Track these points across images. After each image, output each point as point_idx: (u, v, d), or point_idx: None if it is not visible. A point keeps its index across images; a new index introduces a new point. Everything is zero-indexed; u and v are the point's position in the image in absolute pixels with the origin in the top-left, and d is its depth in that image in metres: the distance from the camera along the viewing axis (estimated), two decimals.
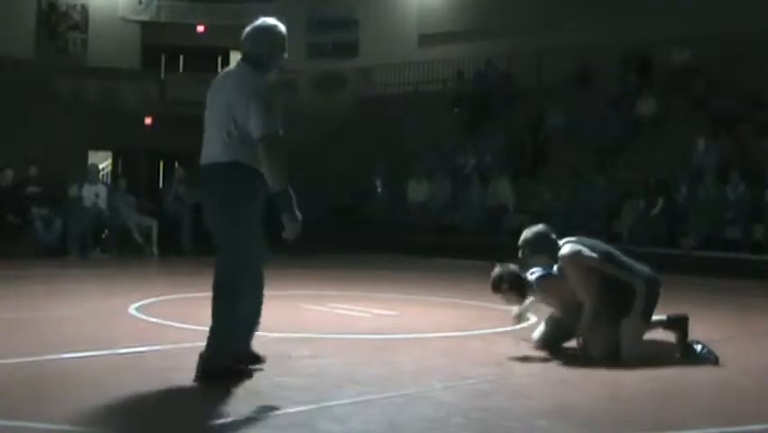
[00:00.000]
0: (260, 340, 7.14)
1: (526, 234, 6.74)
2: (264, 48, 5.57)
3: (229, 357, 5.41)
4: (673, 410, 5.10)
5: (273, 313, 9.06)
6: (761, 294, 12.01)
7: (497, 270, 6.70)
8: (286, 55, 5.68)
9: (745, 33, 18.59)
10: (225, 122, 5.38)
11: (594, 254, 6.43)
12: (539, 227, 6.78)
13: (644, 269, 6.54)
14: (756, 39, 18.62)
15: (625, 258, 6.60)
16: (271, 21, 5.66)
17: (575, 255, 6.39)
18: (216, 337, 5.36)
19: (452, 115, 23.18)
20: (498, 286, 6.64)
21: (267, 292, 5.64)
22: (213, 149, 5.44)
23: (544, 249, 6.60)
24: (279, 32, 5.63)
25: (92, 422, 4.46)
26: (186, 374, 5.59)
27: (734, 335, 8.25)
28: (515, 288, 6.63)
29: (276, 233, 5.29)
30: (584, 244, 6.53)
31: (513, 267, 6.69)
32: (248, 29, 5.65)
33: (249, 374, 5.44)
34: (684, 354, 6.39)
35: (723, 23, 19.09)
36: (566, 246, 6.50)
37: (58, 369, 5.75)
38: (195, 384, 5.29)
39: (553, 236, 6.68)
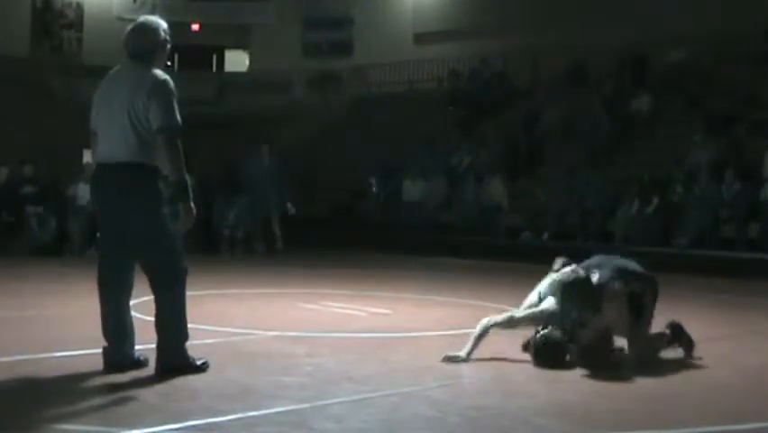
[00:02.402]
0: (256, 338, 7.15)
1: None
2: (149, 43, 5.77)
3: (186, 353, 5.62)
4: (670, 409, 5.09)
5: (269, 311, 9.09)
6: (756, 292, 12.01)
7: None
8: (168, 47, 5.93)
9: (739, 32, 18.61)
10: (126, 121, 5.51)
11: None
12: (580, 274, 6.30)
13: (642, 271, 6.51)
14: (751, 38, 18.64)
15: (629, 263, 6.52)
16: (152, 18, 6.04)
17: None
18: (179, 332, 5.60)
19: (447, 114, 23.19)
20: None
21: (263, 290, 5.64)
22: (116, 148, 5.56)
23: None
24: (162, 27, 5.91)
25: (88, 421, 4.46)
26: (180, 372, 5.59)
27: (730, 333, 8.26)
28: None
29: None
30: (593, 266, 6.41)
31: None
32: (129, 27, 5.89)
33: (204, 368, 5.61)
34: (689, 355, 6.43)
35: (718, 22, 19.12)
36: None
37: (53, 367, 5.74)
38: (190, 381, 5.28)
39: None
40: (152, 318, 5.52)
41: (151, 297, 5.64)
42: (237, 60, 29.41)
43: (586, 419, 4.77)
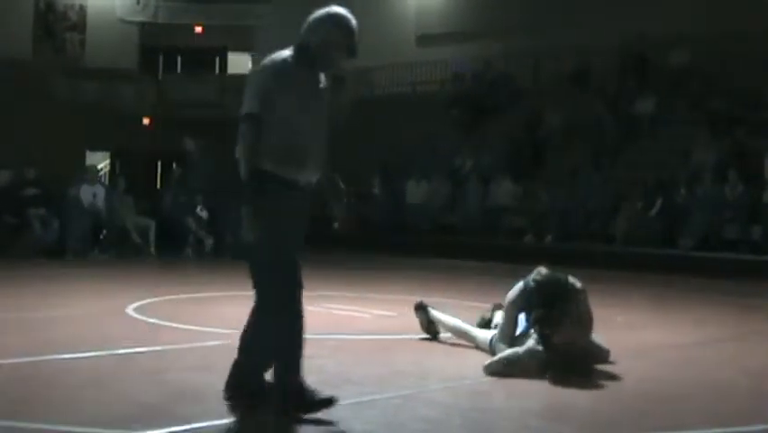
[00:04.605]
0: None
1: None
2: (312, 37, 4.84)
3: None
4: (672, 411, 5.09)
5: None
6: (759, 294, 12.00)
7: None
8: (346, 55, 4.95)
9: (742, 33, 18.57)
10: None
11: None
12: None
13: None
14: (754, 39, 18.61)
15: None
16: (335, 9, 4.94)
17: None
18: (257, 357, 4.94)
19: (450, 116, 23.17)
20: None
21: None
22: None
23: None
24: (334, 21, 4.89)
25: (90, 422, 4.45)
26: (183, 374, 5.59)
27: (733, 335, 8.25)
28: None
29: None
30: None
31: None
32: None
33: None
34: None
35: (721, 24, 19.08)
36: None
37: (55, 369, 5.74)
38: (191, 385, 5.28)
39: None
40: (155, 321, 5.51)
41: (150, 299, 5.63)
42: (240, 62, 29.38)
43: (589, 422, 4.77)
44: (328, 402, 4.62)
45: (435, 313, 7.18)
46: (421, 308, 7.23)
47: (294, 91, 4.68)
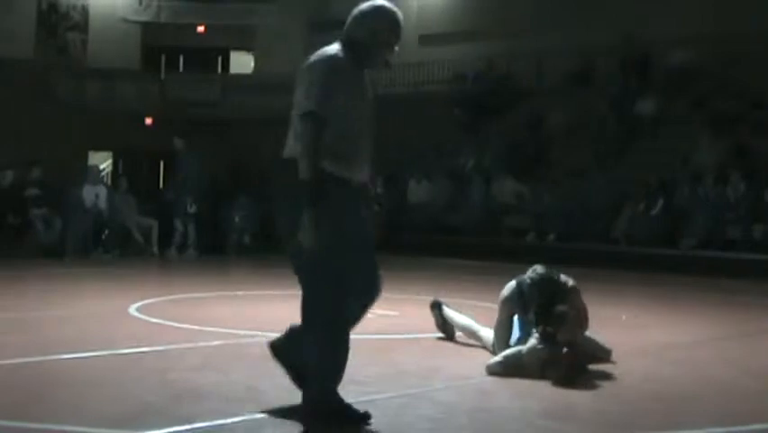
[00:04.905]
0: (262, 340, 7.14)
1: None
2: (360, 32, 4.63)
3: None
4: (674, 411, 5.09)
5: (275, 313, 9.07)
6: (761, 294, 12.01)
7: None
8: (396, 48, 4.72)
9: (744, 33, 18.57)
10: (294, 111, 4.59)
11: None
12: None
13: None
14: (756, 39, 18.60)
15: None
16: (380, 1, 4.72)
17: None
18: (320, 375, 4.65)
19: (453, 116, 23.16)
20: None
21: (269, 292, 5.62)
22: (287, 144, 4.64)
23: None
24: (382, 14, 4.69)
25: (92, 423, 4.45)
26: (185, 374, 5.59)
27: (735, 334, 8.25)
28: None
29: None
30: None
31: None
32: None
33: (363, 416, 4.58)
34: None
35: (723, 23, 19.08)
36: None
37: (58, 369, 5.74)
38: (194, 384, 5.28)
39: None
40: (157, 321, 5.51)
41: (152, 299, 5.63)
42: (242, 62, 29.40)
43: (593, 421, 4.76)
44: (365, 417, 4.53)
45: (448, 311, 7.15)
46: (436, 307, 7.21)
47: (348, 89, 4.52)
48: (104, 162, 26.25)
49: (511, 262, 15.75)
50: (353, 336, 4.61)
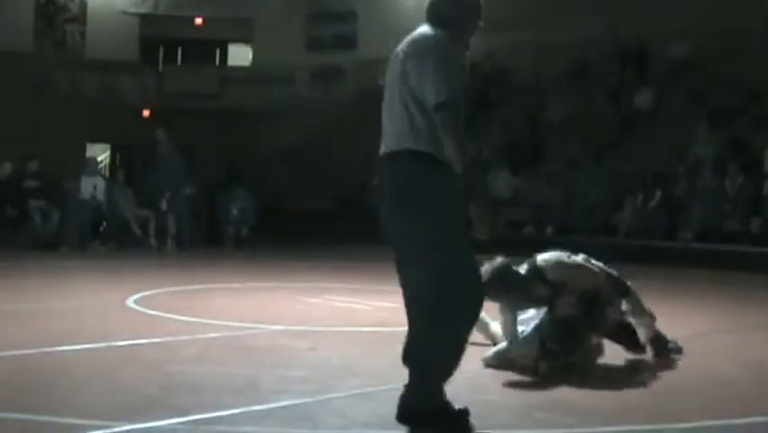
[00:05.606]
0: (261, 332, 7.16)
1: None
2: (454, 12, 4.57)
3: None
4: (670, 404, 5.10)
5: (273, 305, 9.09)
6: (759, 286, 12.01)
7: None
8: (481, 23, 4.61)
9: (742, 27, 18.57)
10: (400, 100, 4.33)
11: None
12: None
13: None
14: (754, 32, 18.60)
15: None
16: None
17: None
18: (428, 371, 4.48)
19: None
20: None
21: (267, 284, 5.62)
22: (389, 137, 4.37)
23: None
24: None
25: (90, 414, 4.45)
26: (184, 366, 5.60)
27: (732, 327, 8.25)
28: None
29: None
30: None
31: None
32: None
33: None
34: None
35: (721, 17, 19.08)
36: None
37: (56, 361, 5.75)
38: (192, 376, 5.29)
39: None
40: (155, 313, 5.50)
41: (150, 291, 5.62)
42: (240, 54, 29.37)
43: (589, 414, 4.77)
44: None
45: None
46: None
47: (460, 72, 4.33)
48: (102, 154, 26.24)
49: (509, 254, 15.80)
50: (352, 328, 4.61)
